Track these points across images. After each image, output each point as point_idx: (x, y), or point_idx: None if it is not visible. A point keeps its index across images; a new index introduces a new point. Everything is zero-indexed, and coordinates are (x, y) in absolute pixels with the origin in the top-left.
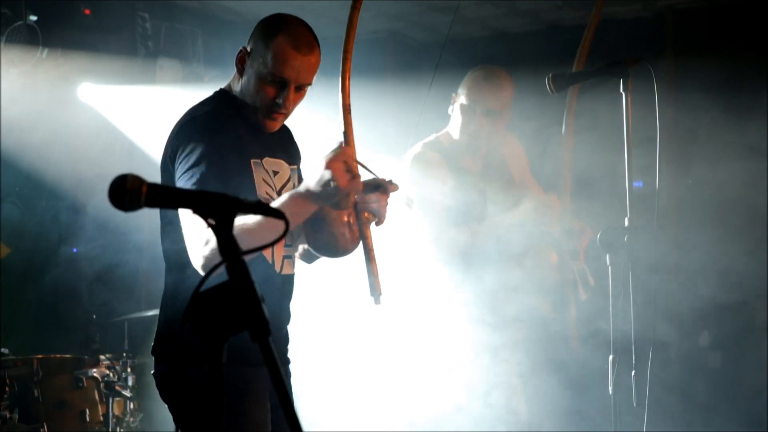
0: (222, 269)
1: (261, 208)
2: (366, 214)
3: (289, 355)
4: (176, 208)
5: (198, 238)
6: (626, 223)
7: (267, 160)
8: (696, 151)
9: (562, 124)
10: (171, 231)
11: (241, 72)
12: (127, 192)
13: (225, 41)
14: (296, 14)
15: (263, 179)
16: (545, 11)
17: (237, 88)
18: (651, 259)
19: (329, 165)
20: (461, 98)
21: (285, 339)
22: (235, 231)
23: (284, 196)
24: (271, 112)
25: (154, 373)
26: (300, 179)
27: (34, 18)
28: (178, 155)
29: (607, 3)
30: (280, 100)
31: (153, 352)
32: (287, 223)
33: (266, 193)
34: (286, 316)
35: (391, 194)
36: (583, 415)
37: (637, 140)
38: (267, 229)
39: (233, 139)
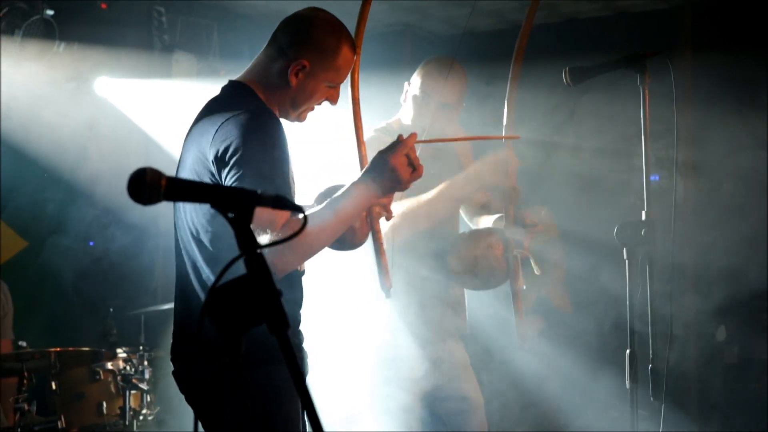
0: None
1: (280, 202)
2: (377, 209)
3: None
4: (195, 201)
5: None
6: (643, 217)
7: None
8: (712, 145)
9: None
10: (196, 226)
11: (296, 81)
12: (147, 185)
13: (241, 35)
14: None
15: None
16: (563, 4)
17: (276, 90)
18: (668, 253)
19: (394, 160)
20: (414, 89)
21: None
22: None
23: (346, 190)
24: (309, 111)
25: (173, 372)
26: None
27: (50, 12)
28: (231, 154)
29: None
30: (332, 98)
31: (173, 353)
32: (305, 219)
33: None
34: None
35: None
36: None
37: (653, 133)
38: (320, 235)
39: (286, 143)
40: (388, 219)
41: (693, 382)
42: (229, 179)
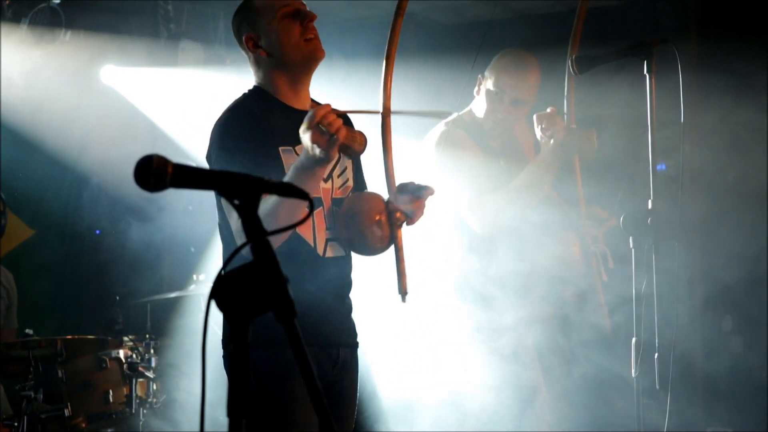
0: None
1: (286, 188)
2: (398, 215)
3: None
4: (201, 188)
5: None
6: (649, 206)
7: (300, 147)
8: (718, 135)
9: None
10: (225, 216)
11: (262, 51)
12: (153, 172)
13: None
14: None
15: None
16: None
17: (267, 72)
18: (674, 242)
19: (304, 135)
20: (489, 83)
21: (346, 321)
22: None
23: (290, 170)
24: (307, 38)
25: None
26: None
27: (57, 0)
28: (210, 153)
29: None
30: (305, 28)
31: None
32: (311, 203)
33: None
34: (339, 302)
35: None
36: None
37: (660, 122)
38: (287, 211)
39: (260, 129)
40: (409, 224)
41: (699, 372)
42: None
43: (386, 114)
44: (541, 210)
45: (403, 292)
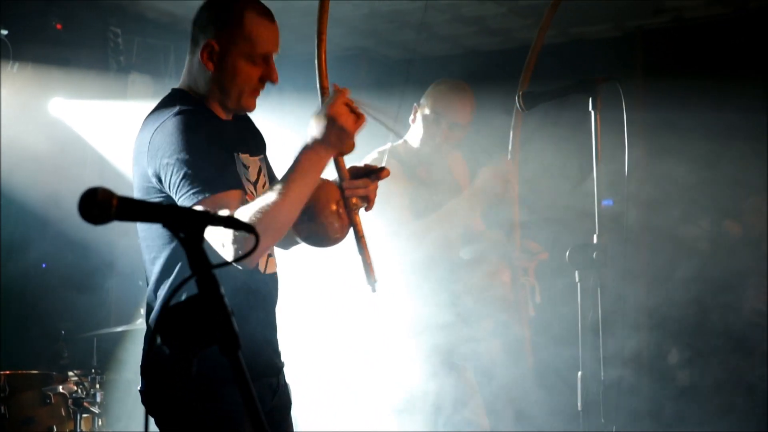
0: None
1: (232, 222)
2: (354, 200)
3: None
4: (146, 221)
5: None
6: (595, 240)
7: (246, 156)
8: (665, 169)
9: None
10: (149, 246)
11: (212, 65)
12: (97, 205)
13: None
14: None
15: (243, 174)
16: (516, 30)
17: (202, 83)
18: (619, 276)
19: (332, 111)
20: (425, 109)
21: (276, 346)
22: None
23: (296, 156)
24: (255, 91)
25: (139, 390)
26: (269, 168)
27: (4, 32)
28: (164, 167)
29: (578, 23)
30: (266, 77)
31: (141, 370)
32: (257, 237)
33: (246, 188)
34: (275, 321)
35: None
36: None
37: (606, 158)
38: (294, 202)
39: (214, 133)
40: (367, 210)
41: (645, 404)
42: (171, 190)
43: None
44: (470, 239)
45: (372, 281)
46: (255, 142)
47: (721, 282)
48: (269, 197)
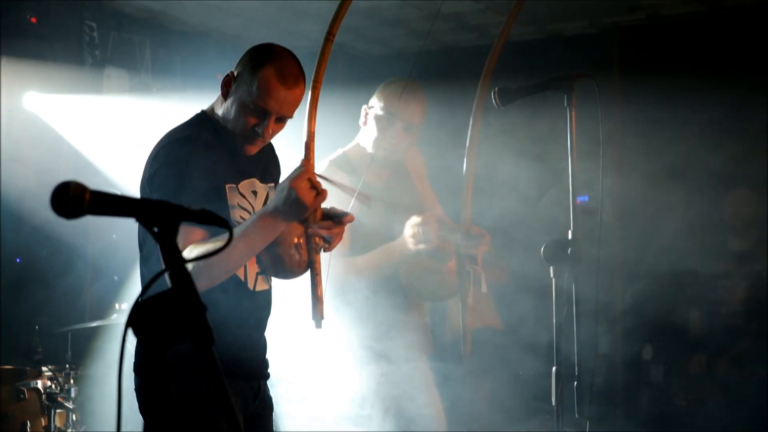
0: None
1: (205, 216)
2: (317, 239)
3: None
4: (119, 215)
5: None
6: (569, 236)
7: (243, 184)
8: (641, 166)
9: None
10: (147, 258)
11: (225, 95)
12: (70, 199)
13: (174, 51)
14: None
15: (238, 203)
16: (493, 26)
17: (219, 111)
18: (594, 272)
19: (294, 184)
20: (377, 110)
21: (263, 356)
22: (193, 269)
23: (253, 216)
24: (249, 139)
25: (135, 388)
26: None
27: None
28: (153, 179)
29: (554, 20)
30: (259, 130)
31: (134, 368)
32: (231, 235)
33: (240, 217)
34: (262, 336)
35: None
36: None
37: (583, 154)
38: (225, 259)
39: (208, 164)
40: (327, 251)
41: (619, 400)
42: None
43: (310, 139)
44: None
45: (318, 317)
46: (269, 169)
47: (696, 278)
48: (218, 244)
